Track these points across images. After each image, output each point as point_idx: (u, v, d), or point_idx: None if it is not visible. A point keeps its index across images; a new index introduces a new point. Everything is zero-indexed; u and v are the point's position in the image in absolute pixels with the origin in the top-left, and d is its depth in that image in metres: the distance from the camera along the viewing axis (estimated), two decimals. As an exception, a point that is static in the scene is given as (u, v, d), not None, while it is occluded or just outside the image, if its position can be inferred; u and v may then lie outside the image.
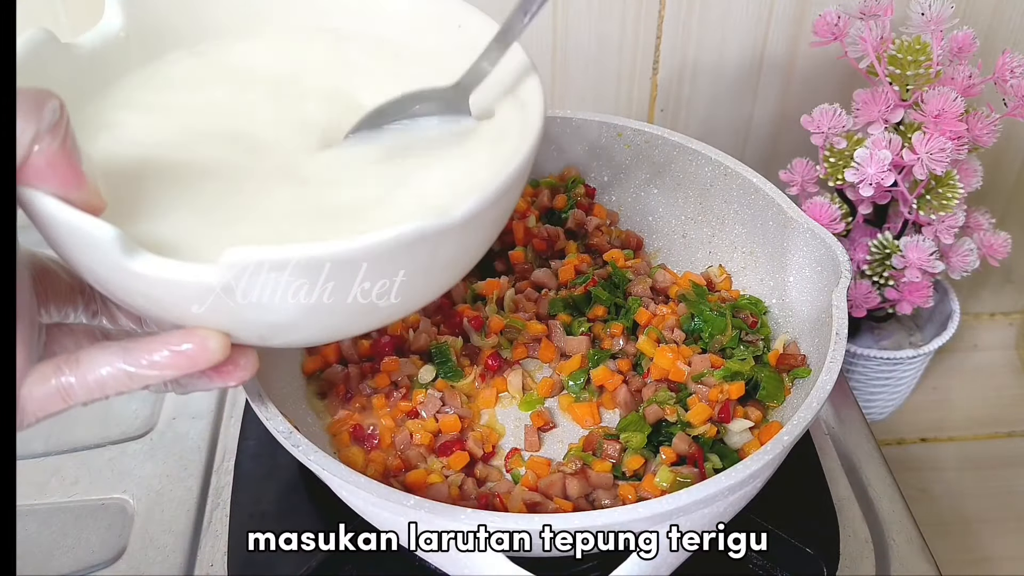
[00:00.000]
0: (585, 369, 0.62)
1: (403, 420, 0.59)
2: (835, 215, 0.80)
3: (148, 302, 0.38)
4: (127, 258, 0.35)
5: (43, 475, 0.64)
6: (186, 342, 0.38)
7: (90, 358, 0.38)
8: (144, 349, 0.38)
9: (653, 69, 0.87)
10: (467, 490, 0.55)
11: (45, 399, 0.38)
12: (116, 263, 0.35)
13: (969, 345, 1.08)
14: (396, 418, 0.59)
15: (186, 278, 0.35)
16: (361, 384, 0.61)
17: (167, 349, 0.38)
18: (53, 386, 0.38)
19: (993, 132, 0.74)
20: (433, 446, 0.58)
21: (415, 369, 0.61)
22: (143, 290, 0.36)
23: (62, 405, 0.38)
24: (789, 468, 0.52)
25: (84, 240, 0.35)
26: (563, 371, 0.62)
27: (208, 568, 0.57)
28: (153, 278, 0.35)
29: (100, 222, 0.35)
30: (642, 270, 0.69)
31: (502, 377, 0.62)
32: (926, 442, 0.99)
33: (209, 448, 0.65)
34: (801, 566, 0.56)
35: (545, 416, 0.60)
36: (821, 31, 0.75)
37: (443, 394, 0.60)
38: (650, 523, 0.44)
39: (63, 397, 0.38)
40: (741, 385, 0.59)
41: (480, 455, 0.58)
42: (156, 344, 0.38)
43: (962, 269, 0.84)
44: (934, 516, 0.90)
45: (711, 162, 0.68)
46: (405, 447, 0.58)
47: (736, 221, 0.69)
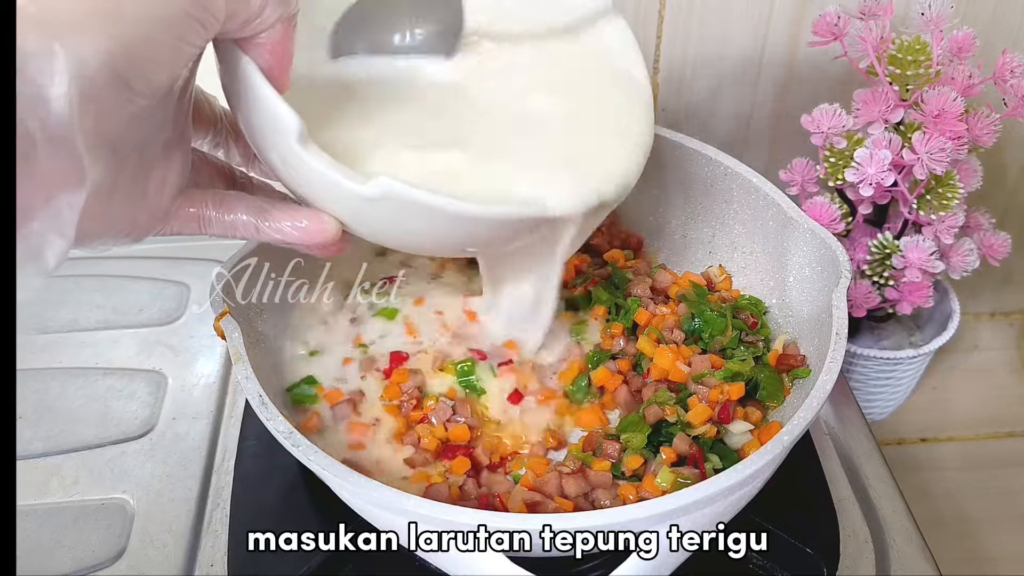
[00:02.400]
0: (586, 374, 0.62)
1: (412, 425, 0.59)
2: (835, 215, 0.80)
3: (298, 180, 0.44)
4: (301, 148, 0.41)
5: (43, 475, 0.64)
6: (311, 222, 0.46)
7: (232, 202, 0.46)
8: (276, 214, 0.46)
9: (653, 69, 0.87)
10: (467, 490, 0.55)
11: (187, 220, 0.45)
12: (290, 148, 0.41)
13: (969, 345, 1.08)
14: (408, 422, 0.59)
15: (344, 183, 0.42)
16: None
17: (293, 221, 0.46)
18: (195, 213, 0.45)
19: (993, 132, 0.74)
20: (439, 451, 0.58)
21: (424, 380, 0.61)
22: (302, 174, 0.43)
23: (197, 231, 0.45)
24: (789, 468, 0.52)
25: (271, 119, 0.41)
26: (563, 380, 0.62)
27: (208, 568, 0.57)
28: (317, 171, 0.42)
29: (290, 110, 0.40)
30: (642, 270, 0.69)
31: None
32: (926, 442, 0.99)
33: (209, 448, 0.65)
34: (801, 566, 0.56)
35: (559, 436, 0.60)
36: (821, 31, 0.75)
37: (455, 403, 0.60)
38: (650, 523, 0.44)
39: (201, 225, 0.45)
40: (741, 386, 0.59)
41: (486, 463, 0.57)
42: (286, 215, 0.46)
43: (962, 269, 0.84)
44: (934, 516, 0.90)
45: (711, 162, 0.68)
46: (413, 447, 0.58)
47: (736, 221, 0.69)
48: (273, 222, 0.46)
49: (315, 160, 0.42)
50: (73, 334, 0.75)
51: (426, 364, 0.62)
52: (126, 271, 0.82)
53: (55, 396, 0.70)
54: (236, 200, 0.46)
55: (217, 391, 0.70)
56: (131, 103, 0.36)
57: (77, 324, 0.77)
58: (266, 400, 0.50)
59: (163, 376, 0.72)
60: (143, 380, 0.71)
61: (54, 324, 0.76)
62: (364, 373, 0.61)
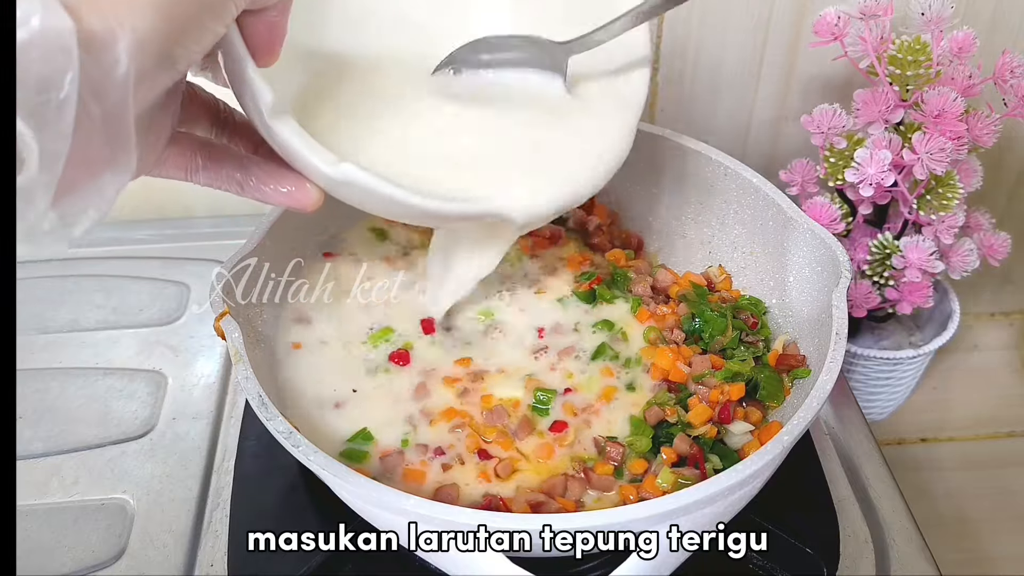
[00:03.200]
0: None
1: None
2: (835, 215, 0.80)
3: (278, 150, 0.47)
4: (274, 121, 0.44)
5: (43, 475, 0.64)
6: (296, 188, 0.48)
7: (220, 155, 0.47)
8: (260, 175, 0.48)
9: (653, 69, 0.87)
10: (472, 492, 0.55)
11: (177, 167, 0.46)
12: (263, 121, 0.44)
13: (969, 345, 1.08)
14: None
15: (313, 161, 0.45)
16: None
17: (276, 185, 0.48)
18: (185, 162, 0.46)
19: (993, 132, 0.74)
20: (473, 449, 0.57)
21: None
22: (279, 144, 0.46)
23: (184, 177, 0.47)
24: (789, 468, 0.52)
25: (250, 92, 0.43)
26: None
27: (208, 568, 0.57)
28: (290, 145, 0.45)
29: (264, 85, 0.42)
30: (643, 270, 0.69)
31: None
32: (926, 442, 0.99)
33: (209, 448, 0.65)
34: (801, 566, 0.56)
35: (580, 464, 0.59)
36: (821, 31, 0.75)
37: (518, 417, 0.58)
38: (650, 523, 0.44)
39: (188, 172, 0.47)
40: (742, 387, 0.59)
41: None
42: (271, 177, 0.48)
43: (962, 269, 0.84)
44: (934, 516, 0.90)
45: (711, 162, 0.68)
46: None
47: (736, 221, 0.69)
48: (258, 182, 0.48)
49: (289, 135, 0.44)
50: (73, 334, 0.75)
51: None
52: (126, 271, 0.82)
53: (55, 396, 0.70)
54: (224, 153, 0.48)
55: (217, 391, 0.70)
56: (170, 80, 0.37)
57: (77, 324, 0.77)
58: (266, 400, 0.49)
59: (163, 376, 0.72)
60: (143, 380, 0.71)
61: (54, 324, 0.76)
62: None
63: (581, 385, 0.60)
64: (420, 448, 0.56)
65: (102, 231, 0.88)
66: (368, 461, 0.56)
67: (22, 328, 0.75)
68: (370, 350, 0.62)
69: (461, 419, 0.58)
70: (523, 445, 0.57)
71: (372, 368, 0.61)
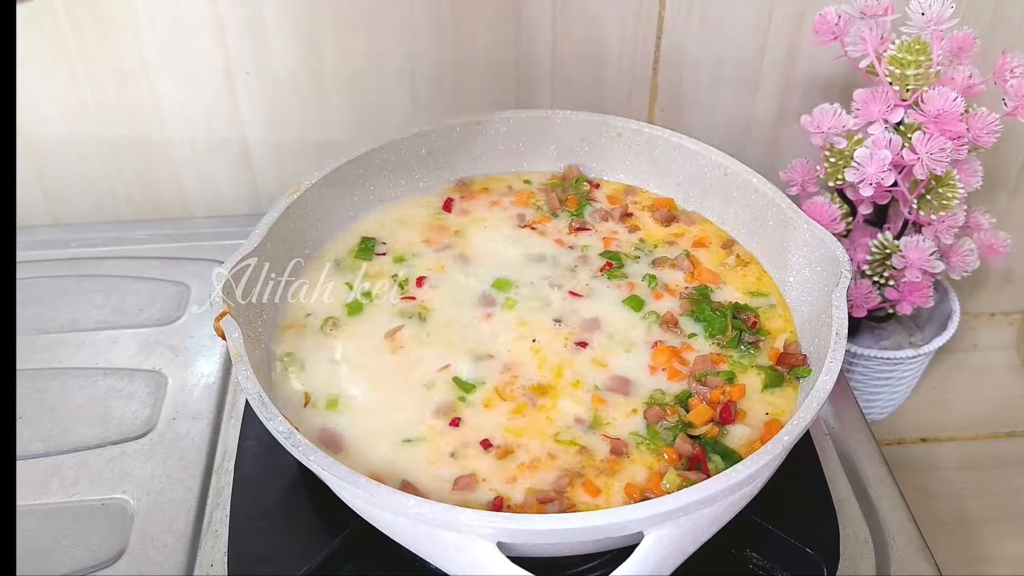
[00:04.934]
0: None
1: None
2: (835, 215, 0.80)
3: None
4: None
5: (43, 475, 0.64)
6: None
7: None
8: None
9: (653, 69, 0.87)
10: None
11: None
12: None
13: (969, 345, 1.08)
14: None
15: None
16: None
17: None
18: None
19: (993, 132, 0.74)
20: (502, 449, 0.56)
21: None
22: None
23: None
24: (789, 468, 0.52)
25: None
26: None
27: (208, 568, 0.57)
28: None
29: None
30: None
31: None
32: (926, 442, 0.99)
33: (209, 448, 0.65)
34: (801, 566, 0.55)
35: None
36: (821, 31, 0.75)
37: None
38: (650, 523, 0.44)
39: None
40: (743, 387, 0.59)
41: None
42: None
43: (962, 269, 0.84)
44: (934, 516, 0.90)
45: (711, 162, 0.68)
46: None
47: (736, 221, 0.69)
48: None
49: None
50: (73, 334, 0.75)
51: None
52: (126, 271, 0.82)
53: (55, 396, 0.70)
54: None
55: (217, 391, 0.70)
56: None
57: (77, 324, 0.77)
58: (266, 400, 0.50)
59: (163, 376, 0.72)
60: (143, 380, 0.71)
61: (54, 324, 0.76)
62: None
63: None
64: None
65: (102, 231, 0.88)
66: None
67: (22, 328, 0.75)
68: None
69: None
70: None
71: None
